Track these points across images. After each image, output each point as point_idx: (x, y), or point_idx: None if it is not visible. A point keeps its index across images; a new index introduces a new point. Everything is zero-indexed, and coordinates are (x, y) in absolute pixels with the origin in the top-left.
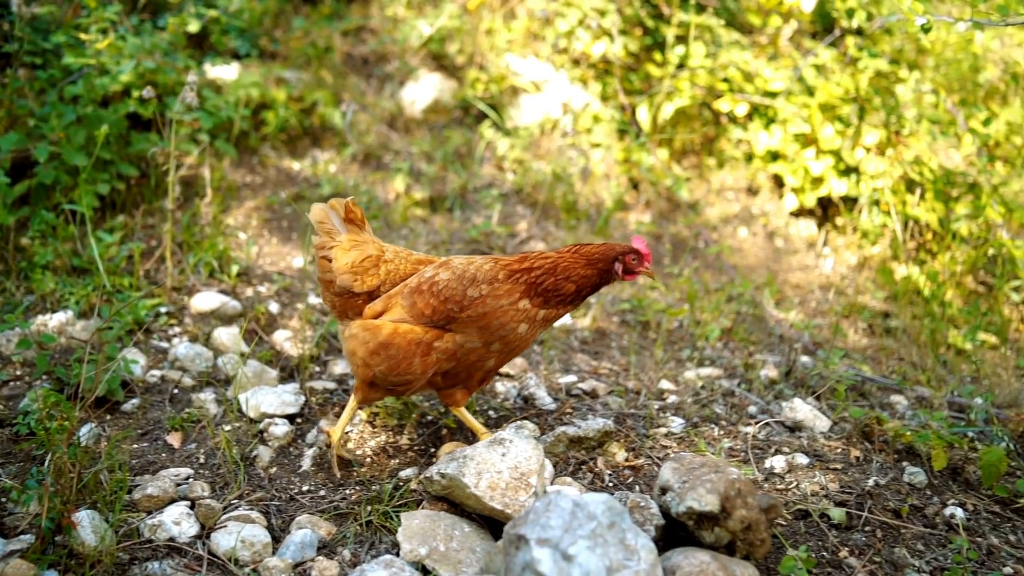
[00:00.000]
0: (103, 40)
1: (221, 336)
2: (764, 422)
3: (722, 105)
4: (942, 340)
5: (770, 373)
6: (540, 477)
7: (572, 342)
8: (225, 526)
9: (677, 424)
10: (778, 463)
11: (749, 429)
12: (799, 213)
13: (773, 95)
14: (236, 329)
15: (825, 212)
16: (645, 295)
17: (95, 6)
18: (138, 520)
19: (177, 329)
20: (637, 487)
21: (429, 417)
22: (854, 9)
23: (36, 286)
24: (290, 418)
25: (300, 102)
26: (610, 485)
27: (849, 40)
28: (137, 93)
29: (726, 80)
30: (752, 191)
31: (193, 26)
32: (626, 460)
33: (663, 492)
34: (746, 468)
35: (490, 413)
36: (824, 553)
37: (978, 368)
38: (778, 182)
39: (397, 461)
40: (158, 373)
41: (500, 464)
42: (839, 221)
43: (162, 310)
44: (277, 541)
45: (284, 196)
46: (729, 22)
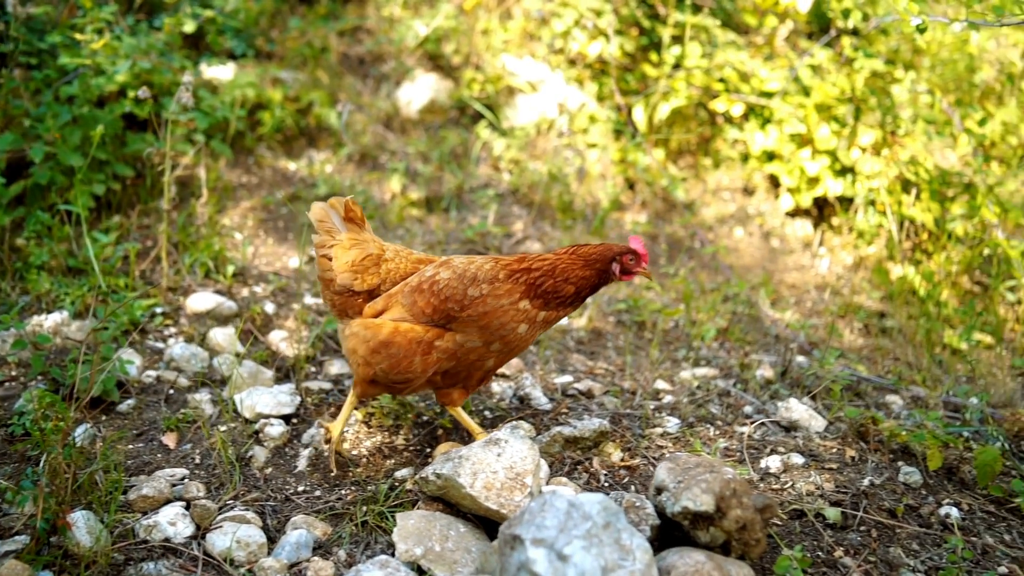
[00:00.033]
0: (99, 40)
1: (217, 336)
2: (760, 422)
3: (718, 105)
4: (937, 340)
5: (766, 373)
6: (536, 477)
7: (568, 342)
8: (220, 526)
9: (673, 424)
10: (773, 463)
11: (745, 429)
12: (795, 213)
13: (769, 95)
14: (232, 329)
15: (821, 212)
16: (641, 295)
17: (91, 6)
18: (133, 521)
19: (173, 329)
20: (633, 487)
21: (425, 417)
22: (850, 9)
23: (32, 286)
24: (286, 418)
25: (296, 102)
26: (606, 485)
27: (845, 40)
28: (133, 93)
29: (722, 80)
30: (748, 191)
31: (189, 26)
32: (622, 460)
33: (658, 492)
34: (741, 468)
35: (486, 413)
36: (819, 553)
37: (973, 368)
38: (774, 182)
39: (393, 461)
40: (154, 373)
41: (496, 464)
42: (835, 221)
43: (158, 310)
44: (272, 541)
45: (280, 196)
46: (725, 22)
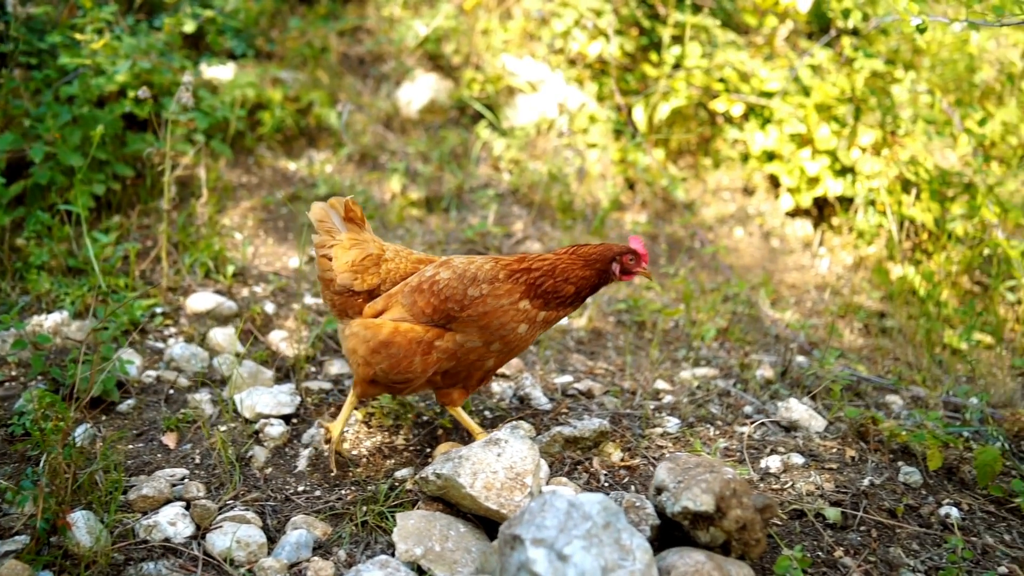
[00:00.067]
0: (99, 40)
1: (217, 336)
2: (760, 422)
3: (718, 105)
4: (937, 340)
5: (766, 373)
6: (535, 477)
7: (568, 342)
8: (220, 526)
9: (673, 424)
10: (773, 463)
11: (745, 429)
12: (795, 213)
13: (769, 95)
14: (232, 329)
15: (821, 212)
16: (641, 295)
17: (91, 6)
18: (133, 521)
19: (173, 329)
20: (633, 487)
21: (425, 417)
22: (850, 9)
23: (32, 287)
24: (286, 418)
25: (296, 102)
26: (606, 485)
27: (845, 40)
28: (133, 93)
29: (722, 80)
30: (748, 191)
31: (189, 26)
32: (622, 460)
33: (658, 492)
34: (741, 468)
35: (486, 413)
36: (819, 553)
37: (973, 368)
38: (774, 182)
39: (393, 461)
40: (154, 373)
41: (496, 464)
42: (835, 221)
43: (158, 310)
44: (272, 541)
45: (280, 196)
46: (725, 22)
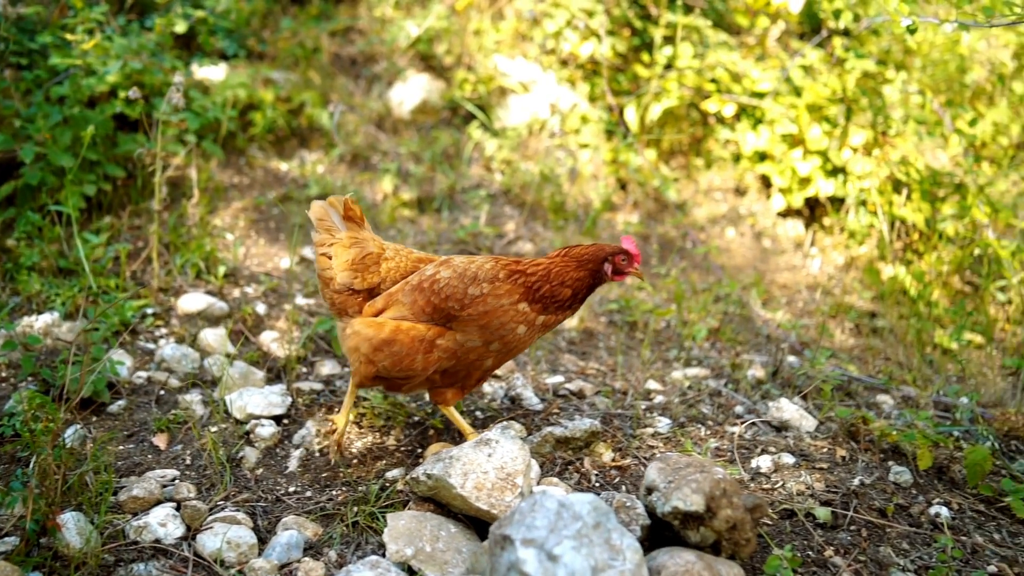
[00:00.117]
0: (90, 40)
1: (208, 337)
2: (751, 422)
3: (710, 106)
4: (928, 340)
5: (757, 373)
6: (526, 477)
7: (559, 342)
8: (211, 527)
9: (664, 424)
10: (764, 463)
11: (735, 429)
12: (786, 213)
13: (761, 96)
14: (223, 330)
15: (812, 212)
16: (633, 295)
17: (81, 6)
18: (123, 522)
19: (163, 330)
20: (624, 487)
21: (416, 418)
22: (841, 10)
23: (22, 287)
24: (276, 419)
25: (288, 103)
26: (597, 485)
27: (836, 41)
28: (124, 94)
29: (714, 81)
30: (740, 191)
31: (180, 27)
32: (613, 460)
33: (649, 492)
34: (732, 468)
35: (477, 414)
36: (809, 552)
37: (964, 368)
38: (766, 182)
39: (384, 462)
40: (144, 374)
41: (486, 464)
42: (826, 221)
43: (148, 311)
44: (263, 542)
45: (272, 197)
46: (717, 23)
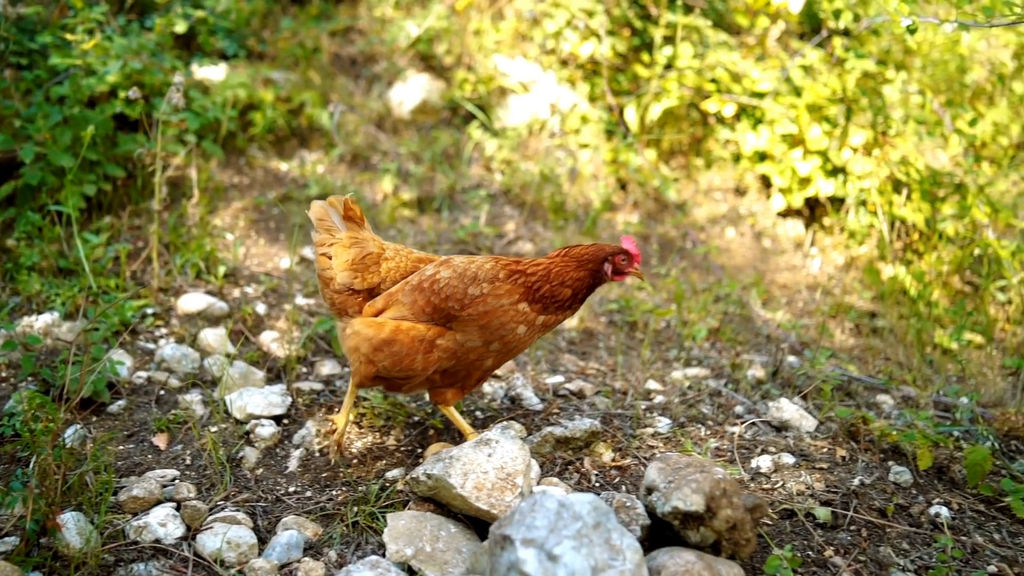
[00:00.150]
0: (90, 40)
1: (208, 337)
2: (751, 422)
3: (710, 106)
4: (928, 340)
5: (757, 373)
6: (526, 477)
7: (559, 342)
8: (211, 527)
9: (664, 424)
10: (764, 463)
11: (735, 429)
12: (786, 213)
13: (761, 96)
14: (223, 330)
15: (812, 212)
16: (633, 295)
17: (81, 6)
18: (123, 522)
19: (163, 330)
20: (624, 487)
21: (416, 418)
22: (841, 10)
23: (22, 287)
24: (276, 419)
25: (288, 103)
26: (596, 485)
27: (836, 41)
28: (124, 94)
29: (714, 81)
30: (740, 191)
31: (180, 27)
32: (613, 460)
33: (649, 492)
34: (732, 468)
35: (477, 414)
36: (809, 552)
37: (964, 368)
38: (766, 182)
39: (384, 462)
40: (144, 374)
41: (486, 464)
42: (826, 221)
43: (148, 311)
44: (263, 542)
45: (272, 197)
46: (717, 23)
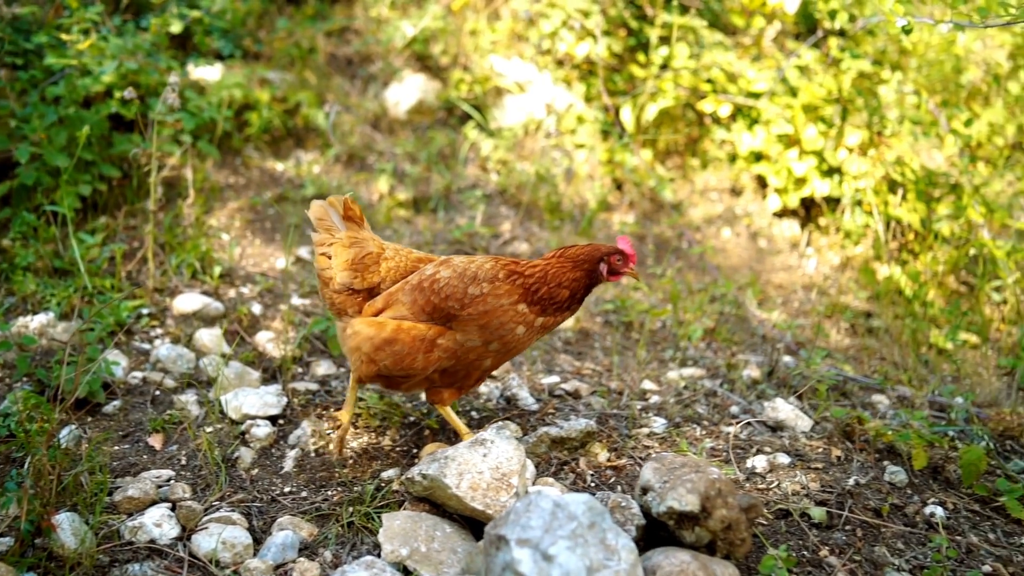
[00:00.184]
0: (85, 41)
1: (203, 337)
2: (746, 422)
3: (705, 106)
4: (923, 340)
5: (752, 373)
6: (521, 478)
7: (555, 343)
8: (206, 528)
9: (659, 424)
10: (759, 463)
11: (731, 429)
12: (782, 213)
13: (756, 96)
14: (218, 330)
15: (808, 212)
16: (628, 295)
17: (77, 6)
18: (119, 522)
19: (159, 330)
20: (619, 487)
21: (412, 418)
22: (836, 10)
23: (17, 287)
24: (272, 419)
25: (283, 103)
26: (592, 485)
27: (832, 41)
28: (119, 94)
29: (709, 81)
30: (735, 192)
31: (176, 27)
32: (608, 460)
33: (644, 492)
34: (727, 468)
35: (473, 414)
36: (804, 552)
37: (959, 367)
38: (761, 183)
39: (379, 462)
40: (140, 375)
41: (481, 465)
42: (822, 221)
43: (144, 311)
44: (258, 542)
45: (267, 197)
46: (712, 23)
